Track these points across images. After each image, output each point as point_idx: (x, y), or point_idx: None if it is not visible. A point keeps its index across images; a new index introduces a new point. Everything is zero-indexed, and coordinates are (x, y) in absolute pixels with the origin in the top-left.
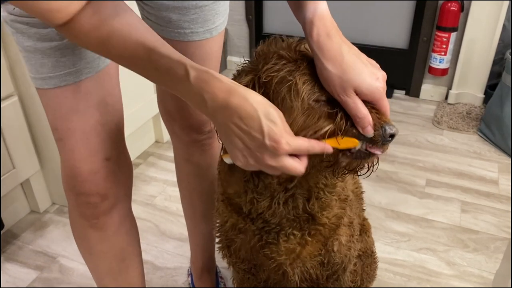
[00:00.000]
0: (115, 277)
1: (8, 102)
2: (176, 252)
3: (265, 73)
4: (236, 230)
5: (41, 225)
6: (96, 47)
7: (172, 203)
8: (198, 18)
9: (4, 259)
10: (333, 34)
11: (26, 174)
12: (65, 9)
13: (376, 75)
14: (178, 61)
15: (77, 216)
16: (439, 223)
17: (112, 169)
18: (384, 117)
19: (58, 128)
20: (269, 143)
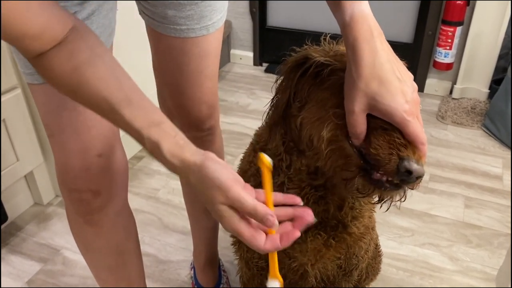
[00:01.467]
0: (113, 272)
1: (11, 95)
2: (179, 245)
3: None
4: None
5: (44, 218)
6: (65, 92)
7: (175, 196)
8: (194, 15)
9: (7, 251)
10: (372, 40)
11: (30, 166)
12: (41, 38)
13: (405, 96)
14: (137, 130)
15: (73, 212)
16: (442, 218)
17: (104, 166)
18: (409, 151)
19: (49, 124)
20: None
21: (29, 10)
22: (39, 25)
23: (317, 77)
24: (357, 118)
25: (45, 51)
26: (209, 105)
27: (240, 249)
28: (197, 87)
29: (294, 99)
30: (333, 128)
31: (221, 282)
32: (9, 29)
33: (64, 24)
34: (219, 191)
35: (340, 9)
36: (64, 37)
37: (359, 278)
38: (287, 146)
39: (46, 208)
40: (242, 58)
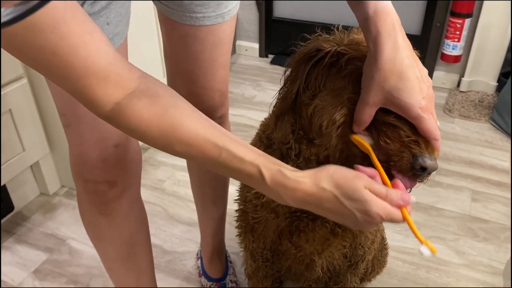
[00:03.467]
0: (124, 263)
1: (17, 84)
2: (184, 236)
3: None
4: (269, 208)
5: (50, 208)
6: (156, 138)
7: (181, 187)
8: (211, 2)
9: (14, 240)
10: (394, 35)
11: (36, 156)
12: (107, 79)
13: (422, 92)
14: (251, 163)
15: (86, 202)
16: (449, 212)
17: (121, 156)
18: (422, 145)
19: (66, 114)
20: (363, 220)
21: (94, 42)
22: (104, 61)
23: (332, 67)
24: (367, 109)
25: (120, 100)
26: (221, 93)
27: (245, 240)
28: (211, 76)
29: (306, 89)
30: (346, 112)
31: (228, 273)
32: (72, 66)
33: (130, 70)
34: (358, 178)
35: (363, 2)
36: (136, 85)
37: (365, 271)
38: (297, 134)
39: (52, 198)
40: (248, 49)
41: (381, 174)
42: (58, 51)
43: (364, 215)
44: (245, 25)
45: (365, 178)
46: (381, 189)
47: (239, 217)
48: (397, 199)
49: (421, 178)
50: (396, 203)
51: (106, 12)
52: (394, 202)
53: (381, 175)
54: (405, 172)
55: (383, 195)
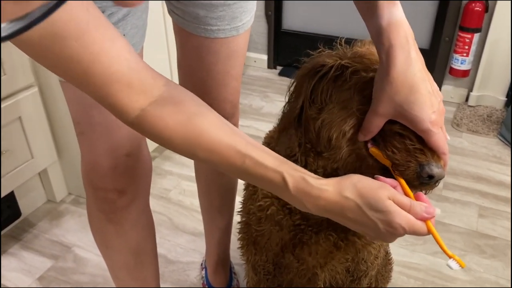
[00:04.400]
0: (130, 271)
1: (28, 93)
2: (189, 246)
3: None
4: (273, 221)
5: (57, 215)
6: (180, 145)
7: (187, 197)
8: (226, 16)
9: (20, 247)
10: (407, 48)
11: (44, 163)
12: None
13: (433, 107)
14: (274, 170)
15: (95, 210)
16: (455, 227)
17: (132, 165)
18: (427, 154)
19: (80, 122)
20: (385, 230)
21: (116, 49)
22: (126, 68)
23: (337, 80)
24: (377, 120)
25: (145, 107)
26: (233, 104)
27: (247, 253)
28: (223, 87)
29: (312, 103)
30: (355, 123)
31: (232, 283)
32: (95, 73)
33: (153, 77)
34: (382, 188)
35: (376, 13)
36: (161, 92)
37: (368, 286)
38: (303, 148)
39: (59, 206)
40: (257, 61)
41: (403, 186)
42: (82, 59)
43: (387, 226)
44: (254, 37)
45: (389, 189)
46: (405, 200)
47: (241, 229)
48: (421, 211)
49: (428, 188)
50: (420, 216)
51: (122, 24)
52: (419, 214)
53: (403, 187)
54: (412, 181)
55: (407, 207)
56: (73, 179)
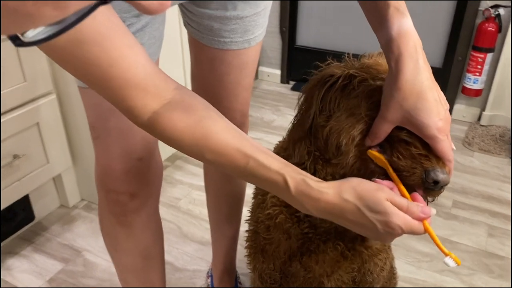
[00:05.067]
0: (137, 274)
1: (46, 100)
2: (196, 255)
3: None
4: (282, 229)
5: (69, 220)
6: (189, 146)
7: (196, 206)
8: (238, 29)
9: (32, 249)
10: (416, 56)
11: (59, 169)
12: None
13: (440, 114)
14: (277, 172)
15: (106, 212)
16: (464, 246)
17: (143, 170)
18: (432, 160)
19: (96, 126)
20: (384, 231)
21: (133, 55)
22: (142, 73)
23: (345, 89)
24: (385, 125)
25: (156, 110)
26: (242, 113)
27: (254, 261)
28: (234, 97)
29: (320, 112)
30: (363, 127)
31: None
32: (113, 76)
33: (166, 82)
34: (380, 190)
35: (386, 24)
36: (172, 96)
37: None
38: (312, 155)
39: (71, 211)
40: (270, 75)
41: (399, 187)
42: (101, 63)
43: (385, 226)
44: (268, 52)
45: (386, 191)
46: (402, 201)
47: (249, 238)
48: (418, 212)
49: (433, 194)
50: (417, 216)
51: (140, 34)
52: (415, 214)
53: (399, 188)
54: (417, 187)
55: (404, 208)
56: (86, 185)
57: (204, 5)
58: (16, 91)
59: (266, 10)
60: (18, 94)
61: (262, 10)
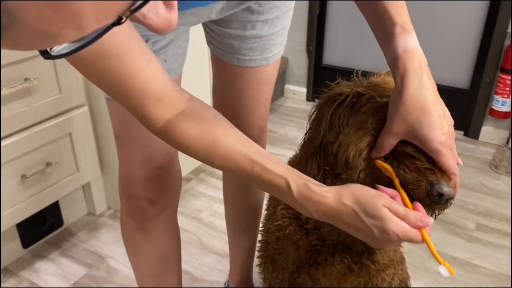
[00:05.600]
0: (155, 279)
1: (79, 111)
2: (215, 266)
3: (331, 121)
4: (291, 240)
5: (95, 227)
6: (199, 152)
7: (217, 219)
8: (257, 47)
9: (59, 254)
10: (420, 73)
11: (88, 177)
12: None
13: (443, 129)
14: (280, 176)
15: (127, 217)
16: (485, 269)
17: (162, 177)
18: (437, 174)
19: (120, 135)
20: (380, 236)
21: (151, 69)
22: (158, 85)
23: (353, 106)
24: (390, 138)
25: (170, 118)
26: (260, 128)
27: (265, 271)
28: (252, 112)
29: (330, 128)
30: (370, 141)
31: None
32: (131, 87)
33: (180, 93)
34: (379, 197)
35: (392, 42)
36: (185, 106)
37: None
38: (322, 170)
39: (98, 218)
40: (296, 93)
41: (402, 196)
42: (121, 75)
43: (381, 232)
44: (295, 70)
45: (385, 198)
46: (400, 209)
47: (261, 247)
48: (416, 220)
49: (439, 207)
50: (414, 224)
51: (165, 51)
52: (412, 222)
53: (402, 197)
54: (422, 199)
55: (402, 215)
56: (113, 194)
57: (225, 25)
58: (51, 102)
59: (284, 30)
60: (54, 105)
61: (280, 30)
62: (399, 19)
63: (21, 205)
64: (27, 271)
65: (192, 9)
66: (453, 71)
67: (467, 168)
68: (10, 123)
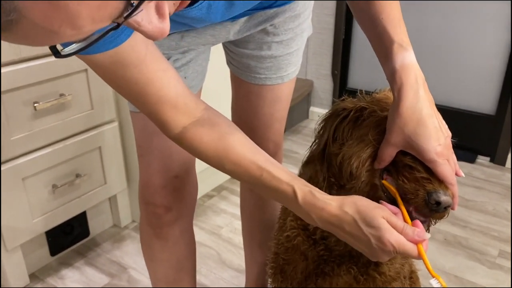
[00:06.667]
0: (170, 285)
1: (110, 126)
2: (232, 281)
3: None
4: (299, 251)
5: (120, 238)
6: (211, 158)
7: (236, 235)
8: (273, 66)
9: (84, 262)
10: (416, 87)
11: (115, 190)
12: (176, 107)
13: (439, 140)
14: (287, 183)
15: (145, 224)
16: None
17: (178, 186)
18: (434, 183)
19: (141, 146)
20: (377, 246)
21: (166, 77)
22: (174, 93)
23: (357, 120)
24: (389, 149)
25: (186, 125)
26: (275, 143)
27: (274, 282)
28: (267, 128)
29: (334, 141)
30: (372, 151)
31: None
32: (148, 93)
33: (196, 102)
34: (379, 208)
35: (391, 57)
36: (201, 114)
37: None
38: (327, 181)
39: (123, 231)
40: (320, 115)
41: (403, 213)
42: (139, 81)
43: (378, 241)
44: (320, 93)
45: (386, 210)
46: (398, 222)
47: (272, 259)
48: (413, 234)
49: (438, 216)
50: (411, 238)
51: (185, 68)
52: (409, 236)
53: (403, 214)
54: (421, 208)
55: (399, 228)
56: (138, 208)
57: (242, 46)
58: (84, 117)
59: (298, 50)
60: (85, 120)
61: (294, 51)
62: (397, 37)
63: (51, 213)
64: (53, 278)
65: (210, 30)
66: (479, 97)
67: (492, 194)
68: (44, 135)
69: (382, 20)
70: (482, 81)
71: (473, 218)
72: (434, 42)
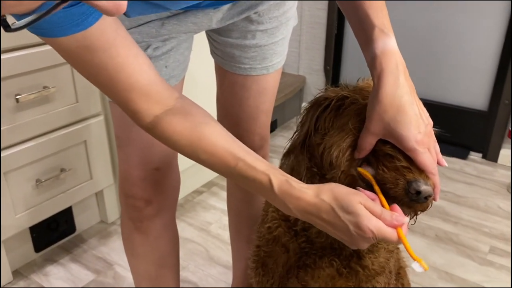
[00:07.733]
0: (152, 282)
1: (95, 120)
2: (220, 278)
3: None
4: (280, 242)
5: (106, 234)
6: (185, 147)
7: (225, 232)
8: (257, 56)
9: (70, 259)
10: (396, 73)
11: (101, 185)
12: (148, 95)
13: (419, 128)
14: (263, 172)
15: (126, 218)
16: None
17: (159, 179)
18: (415, 172)
19: (120, 136)
20: (355, 233)
21: (138, 63)
22: (145, 79)
23: (338, 109)
24: (368, 137)
25: (158, 114)
26: (261, 136)
27: (256, 276)
28: (253, 120)
29: (316, 131)
30: (352, 140)
31: None
32: (119, 80)
33: (170, 91)
34: (356, 195)
35: (371, 43)
36: (174, 103)
37: None
38: (310, 172)
39: (109, 226)
40: None
41: (381, 199)
42: (108, 67)
43: (356, 228)
44: (312, 89)
45: (362, 196)
46: (376, 208)
47: (254, 252)
48: (391, 219)
49: (419, 207)
50: (389, 223)
51: (166, 57)
52: (388, 221)
53: (381, 200)
54: (401, 198)
55: (377, 213)
56: None
57: (226, 35)
58: (68, 110)
59: (283, 40)
60: (70, 113)
61: (280, 40)
62: (378, 22)
63: (35, 209)
64: (37, 275)
65: (192, 17)
66: (472, 93)
67: (484, 190)
68: (27, 128)
69: (363, 4)
70: (474, 77)
71: (465, 214)
72: (426, 38)
